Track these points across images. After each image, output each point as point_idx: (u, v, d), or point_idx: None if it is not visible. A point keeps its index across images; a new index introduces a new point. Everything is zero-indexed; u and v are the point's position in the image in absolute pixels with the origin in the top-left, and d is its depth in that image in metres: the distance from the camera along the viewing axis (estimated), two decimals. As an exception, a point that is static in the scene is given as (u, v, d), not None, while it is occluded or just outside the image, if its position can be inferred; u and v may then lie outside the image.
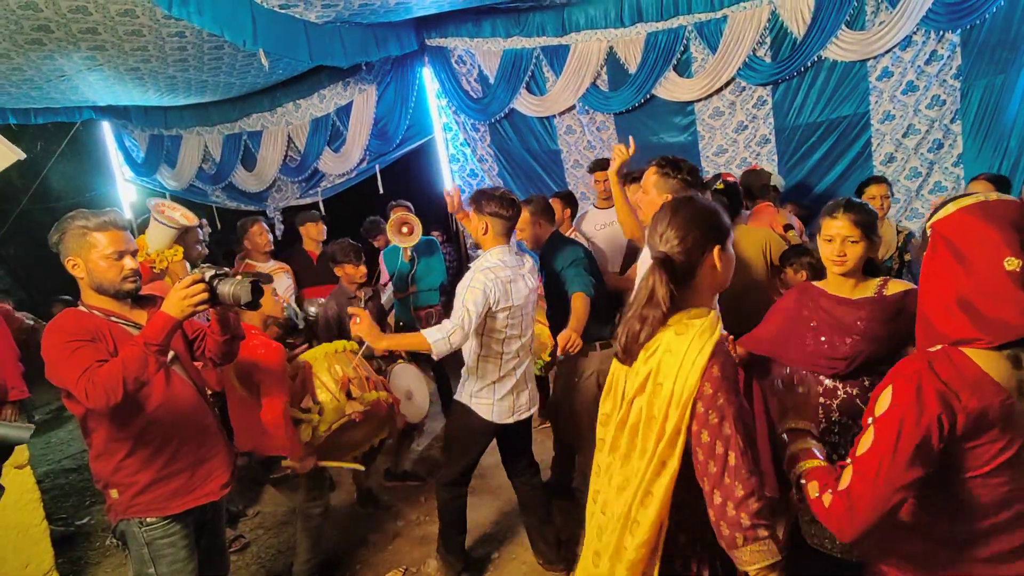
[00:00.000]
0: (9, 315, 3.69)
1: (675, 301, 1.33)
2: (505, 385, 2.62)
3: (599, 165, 4.30)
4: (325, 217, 4.79)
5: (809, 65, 4.47)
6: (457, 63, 5.60)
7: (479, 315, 2.41)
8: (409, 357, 3.75)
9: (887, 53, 4.28)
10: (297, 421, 2.69)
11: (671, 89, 4.88)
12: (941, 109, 4.29)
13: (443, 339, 2.33)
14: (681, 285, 1.35)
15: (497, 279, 2.47)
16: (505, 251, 2.57)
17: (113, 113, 6.73)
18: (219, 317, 1.99)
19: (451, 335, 2.34)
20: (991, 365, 1.12)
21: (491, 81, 5.45)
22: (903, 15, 4.09)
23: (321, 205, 6.49)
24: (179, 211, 3.27)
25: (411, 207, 4.85)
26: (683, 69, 4.84)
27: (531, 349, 2.78)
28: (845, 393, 1.88)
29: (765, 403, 2.17)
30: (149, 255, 3.21)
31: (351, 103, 6.01)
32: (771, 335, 2.12)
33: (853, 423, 1.86)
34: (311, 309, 3.76)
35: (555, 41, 5.09)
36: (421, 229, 4.44)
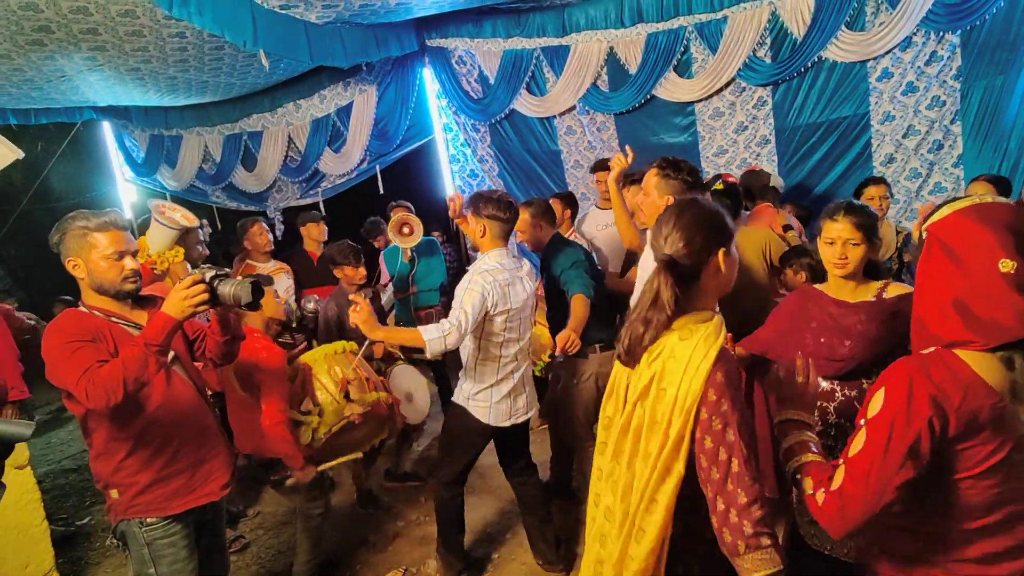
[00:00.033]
0: (10, 315, 3.69)
1: (679, 304, 1.33)
2: (502, 389, 2.62)
3: (601, 165, 4.28)
4: (326, 218, 4.80)
5: (809, 66, 4.48)
6: (457, 63, 5.60)
7: (476, 317, 2.40)
8: (408, 359, 3.75)
9: (887, 54, 4.28)
10: (297, 423, 2.68)
11: (671, 90, 4.88)
12: (941, 110, 4.30)
13: (439, 338, 2.33)
14: (685, 288, 1.34)
15: (495, 282, 2.46)
16: (503, 254, 2.57)
17: (113, 113, 6.73)
18: (219, 318, 1.99)
19: (447, 335, 2.33)
20: (984, 367, 1.13)
21: (491, 81, 5.46)
22: (903, 16, 4.09)
23: (321, 205, 6.50)
24: (180, 212, 3.28)
25: (411, 207, 4.85)
26: (683, 70, 4.84)
27: (529, 353, 2.78)
28: (843, 395, 1.88)
29: (767, 404, 2.17)
30: (150, 256, 3.21)
31: (351, 103, 6.02)
32: (772, 336, 2.13)
33: (850, 425, 1.85)
34: (308, 305, 3.76)
35: (555, 42, 5.10)
36: (422, 230, 4.44)
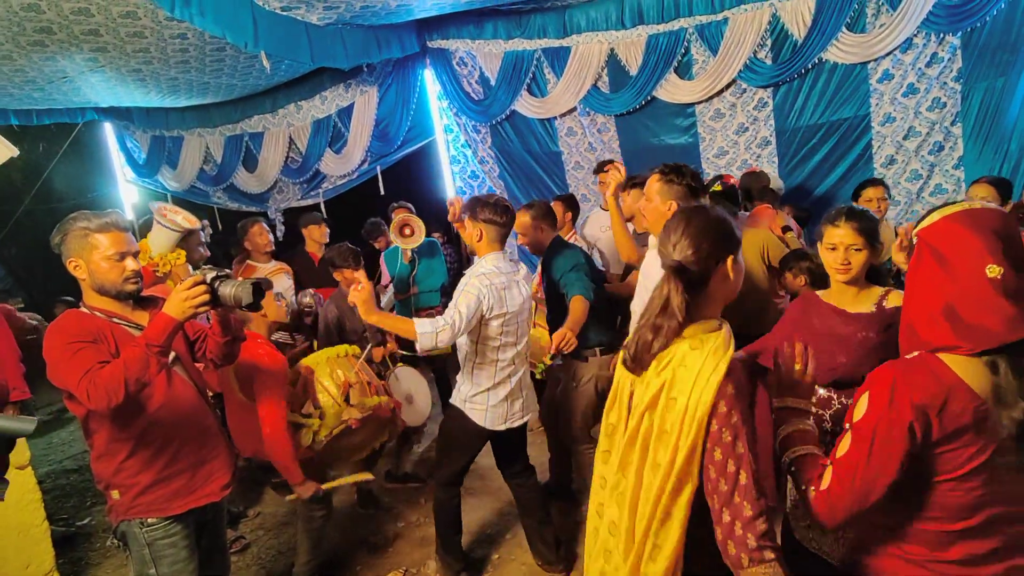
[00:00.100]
0: (11, 315, 3.69)
1: (688, 310, 1.31)
2: (499, 393, 2.63)
3: (604, 166, 4.32)
4: (328, 220, 4.80)
5: (810, 67, 4.48)
6: (458, 65, 5.61)
7: (470, 318, 2.41)
8: (407, 361, 3.76)
9: (888, 55, 4.28)
10: (297, 426, 2.68)
11: (672, 91, 4.88)
12: (942, 111, 4.30)
13: (431, 333, 2.33)
14: (693, 295, 1.33)
15: (492, 285, 2.48)
16: (500, 258, 2.58)
17: (115, 114, 6.74)
18: (220, 319, 1.99)
19: (440, 331, 2.34)
20: (968, 371, 1.14)
21: (492, 83, 5.46)
22: (904, 17, 4.09)
23: (322, 206, 6.50)
24: (181, 215, 3.28)
25: (412, 208, 4.86)
26: (684, 71, 4.84)
27: (527, 357, 2.78)
28: (840, 404, 1.87)
29: (771, 407, 2.17)
30: (152, 259, 3.21)
31: (352, 105, 6.03)
32: (775, 343, 2.12)
33: None
34: (304, 299, 3.77)
35: (556, 43, 5.10)
36: (424, 230, 4.44)
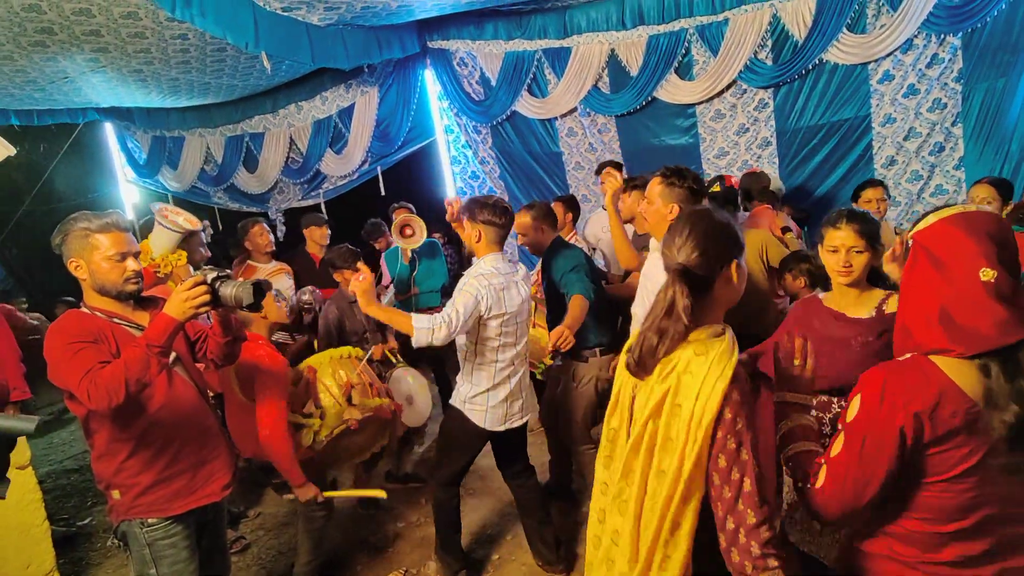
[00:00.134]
0: (11, 315, 3.70)
1: (693, 314, 1.31)
2: (499, 394, 2.63)
3: (606, 166, 4.33)
4: (329, 221, 4.80)
5: (810, 68, 4.48)
6: (459, 65, 5.61)
7: (467, 318, 2.42)
8: (407, 362, 3.75)
9: (888, 56, 4.28)
10: (298, 426, 2.68)
11: (672, 91, 4.89)
12: (942, 112, 4.30)
13: (427, 329, 2.34)
14: (698, 298, 1.32)
15: (490, 286, 2.48)
16: (498, 259, 2.59)
17: (116, 114, 6.75)
18: (221, 319, 1.99)
19: (436, 328, 2.34)
20: (960, 374, 1.15)
21: (493, 83, 5.46)
22: (904, 18, 4.10)
23: (323, 207, 6.51)
24: (183, 216, 3.28)
25: (413, 209, 4.86)
26: (684, 71, 4.85)
27: (526, 358, 2.79)
28: (840, 407, 1.87)
29: (773, 412, 2.17)
30: (153, 260, 3.22)
31: (353, 105, 6.03)
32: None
33: None
34: (304, 296, 3.76)
35: (557, 43, 5.11)
36: (425, 230, 4.44)
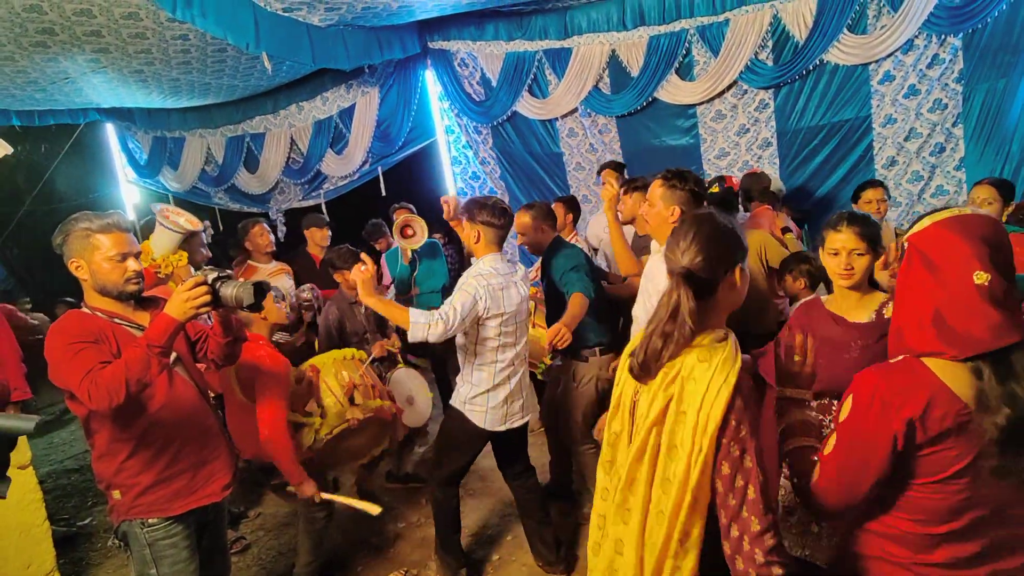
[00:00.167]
0: (12, 315, 3.70)
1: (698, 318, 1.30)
2: (499, 394, 2.64)
3: (607, 167, 4.34)
4: (330, 223, 4.81)
5: (811, 68, 4.48)
6: (459, 66, 5.61)
7: (464, 316, 2.42)
8: (407, 362, 3.76)
9: (889, 57, 4.28)
10: (299, 425, 2.68)
11: (673, 92, 4.89)
12: (943, 113, 4.30)
13: (423, 324, 2.35)
14: (701, 302, 1.31)
15: (489, 286, 2.49)
16: (497, 259, 2.60)
17: (117, 115, 6.75)
18: (221, 319, 2.00)
19: (432, 324, 2.35)
20: (951, 376, 1.15)
21: (493, 84, 5.47)
22: (905, 19, 4.09)
23: (324, 207, 6.51)
24: (184, 216, 3.29)
25: (413, 209, 4.86)
26: (685, 72, 4.85)
27: (526, 358, 2.79)
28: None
29: (775, 417, 2.17)
30: (154, 260, 3.22)
31: (354, 105, 6.04)
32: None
33: None
34: (304, 294, 3.76)
35: (557, 44, 5.11)
36: (426, 230, 4.44)
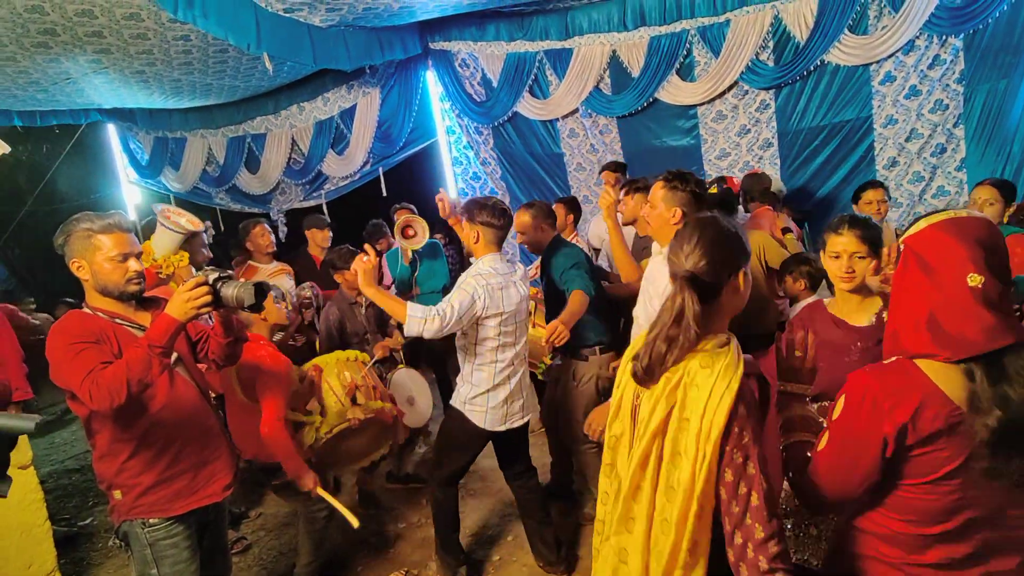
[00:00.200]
0: (14, 315, 3.70)
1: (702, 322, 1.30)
2: (499, 394, 2.64)
3: (608, 167, 4.35)
4: (331, 223, 4.81)
5: (812, 69, 4.48)
6: (460, 66, 5.62)
7: (462, 314, 2.42)
8: (408, 363, 3.76)
9: (890, 57, 4.28)
10: (299, 424, 2.68)
11: (674, 93, 4.89)
12: (944, 113, 4.30)
13: (419, 319, 2.35)
14: (705, 306, 1.31)
15: (488, 285, 2.50)
16: (497, 259, 2.61)
17: (118, 115, 6.76)
18: (222, 319, 2.00)
19: (428, 319, 2.35)
20: (944, 378, 1.15)
21: (494, 84, 5.47)
22: (906, 19, 4.09)
23: (325, 207, 6.52)
24: (185, 217, 3.29)
25: (414, 209, 4.87)
26: (686, 73, 4.85)
27: (526, 358, 2.79)
28: None
29: (777, 421, 2.17)
30: (156, 261, 3.22)
31: (355, 106, 6.04)
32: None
33: None
34: (304, 292, 3.76)
35: (558, 45, 5.11)
36: (427, 231, 4.44)
